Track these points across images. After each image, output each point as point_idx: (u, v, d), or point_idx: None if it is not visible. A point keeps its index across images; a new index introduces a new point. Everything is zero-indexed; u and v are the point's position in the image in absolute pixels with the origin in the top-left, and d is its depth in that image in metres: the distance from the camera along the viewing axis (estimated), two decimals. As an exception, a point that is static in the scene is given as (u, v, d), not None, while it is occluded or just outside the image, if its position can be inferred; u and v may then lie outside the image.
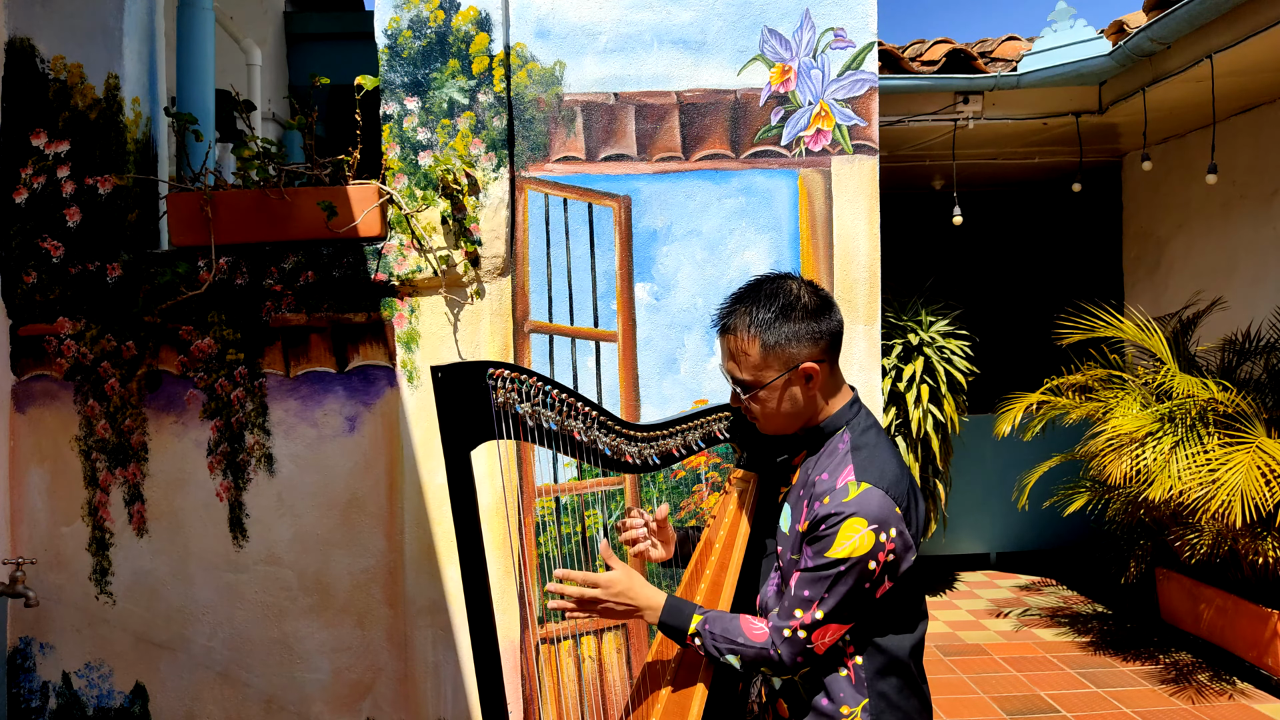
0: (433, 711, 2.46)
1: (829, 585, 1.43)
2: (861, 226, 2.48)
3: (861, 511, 1.42)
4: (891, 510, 1.44)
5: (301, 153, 2.67)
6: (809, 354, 1.52)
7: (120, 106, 2.46)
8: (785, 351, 1.51)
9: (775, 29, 2.46)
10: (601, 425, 1.65)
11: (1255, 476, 3.68)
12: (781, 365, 1.52)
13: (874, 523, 1.42)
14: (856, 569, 1.42)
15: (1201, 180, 4.99)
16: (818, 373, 1.52)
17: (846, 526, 1.42)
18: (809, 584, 1.45)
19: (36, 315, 2.45)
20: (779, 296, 1.53)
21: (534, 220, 2.47)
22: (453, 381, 1.57)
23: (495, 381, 1.58)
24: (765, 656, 1.49)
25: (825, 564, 1.43)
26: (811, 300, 1.53)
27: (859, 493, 1.44)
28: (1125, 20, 4.61)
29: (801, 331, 1.51)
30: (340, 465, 2.46)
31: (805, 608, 1.45)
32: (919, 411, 5.17)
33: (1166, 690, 4.10)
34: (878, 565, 1.43)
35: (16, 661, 2.47)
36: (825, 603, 1.44)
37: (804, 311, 1.52)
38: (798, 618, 1.46)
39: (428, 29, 2.44)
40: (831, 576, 1.43)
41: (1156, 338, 4.54)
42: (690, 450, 1.71)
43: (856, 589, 1.43)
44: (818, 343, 1.52)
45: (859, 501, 1.43)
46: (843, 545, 1.42)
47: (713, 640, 1.52)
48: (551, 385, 1.61)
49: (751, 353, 1.52)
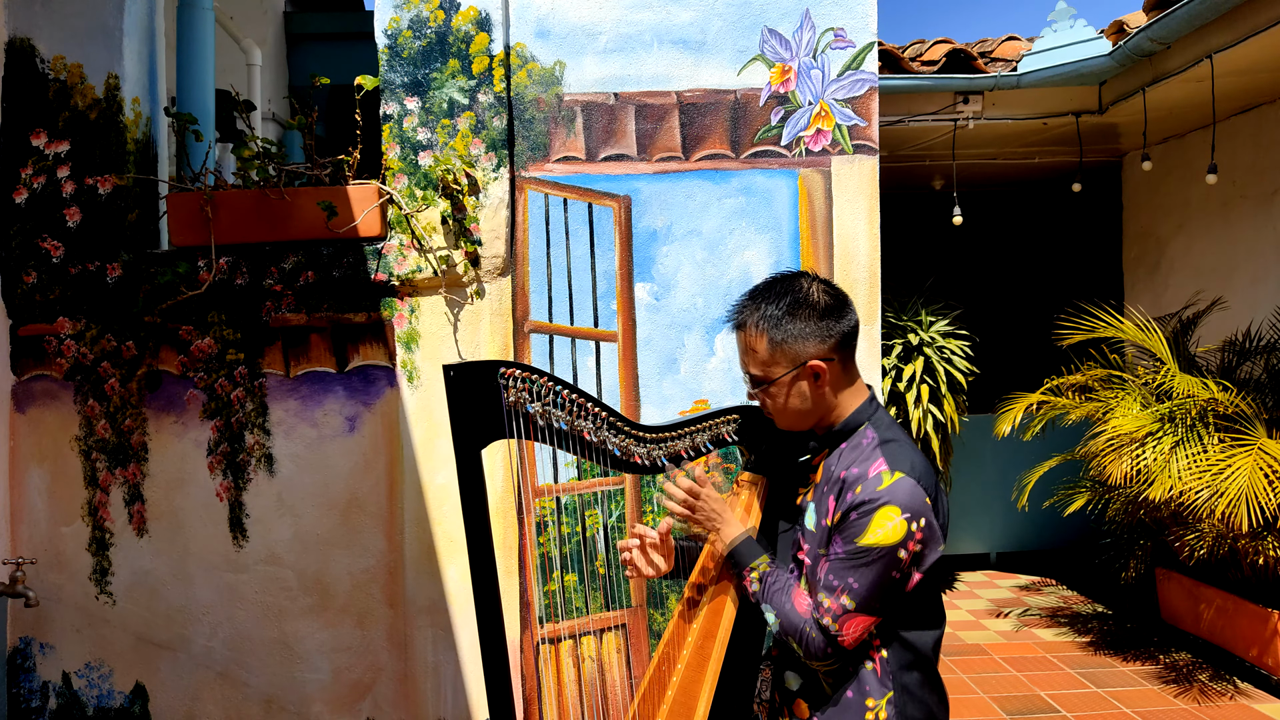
0: (433, 711, 2.46)
1: (859, 573, 1.44)
2: (861, 226, 2.48)
3: (895, 500, 1.43)
4: (922, 500, 1.45)
5: (301, 153, 2.67)
6: (816, 351, 1.53)
7: (120, 106, 2.46)
8: (792, 349, 1.53)
9: (775, 29, 2.46)
10: (611, 426, 1.65)
11: (1259, 478, 3.67)
12: (789, 362, 1.53)
13: (906, 511, 1.43)
14: (886, 557, 1.43)
15: (1201, 180, 4.99)
16: (825, 371, 1.53)
17: (880, 515, 1.43)
18: (840, 571, 1.46)
19: (36, 315, 2.45)
20: (789, 294, 1.54)
21: (534, 220, 2.47)
22: (464, 380, 1.58)
23: (507, 381, 1.59)
24: (802, 632, 1.49)
25: (856, 550, 1.44)
26: (823, 299, 1.55)
27: (892, 481, 1.45)
28: (1125, 20, 4.61)
29: (810, 329, 1.52)
30: (340, 465, 2.46)
31: (834, 595, 1.46)
32: (919, 411, 5.17)
33: (1167, 690, 4.10)
34: (907, 555, 1.44)
35: (16, 661, 2.47)
36: (856, 592, 1.44)
37: (813, 310, 1.53)
38: (826, 607, 1.47)
39: (428, 29, 2.44)
40: (863, 564, 1.44)
41: (1156, 338, 4.54)
42: (699, 452, 1.71)
43: (886, 578, 1.44)
44: (826, 341, 1.53)
45: (892, 490, 1.44)
46: (876, 533, 1.43)
47: (767, 591, 1.54)
48: (562, 385, 1.62)
49: (760, 349, 1.54)
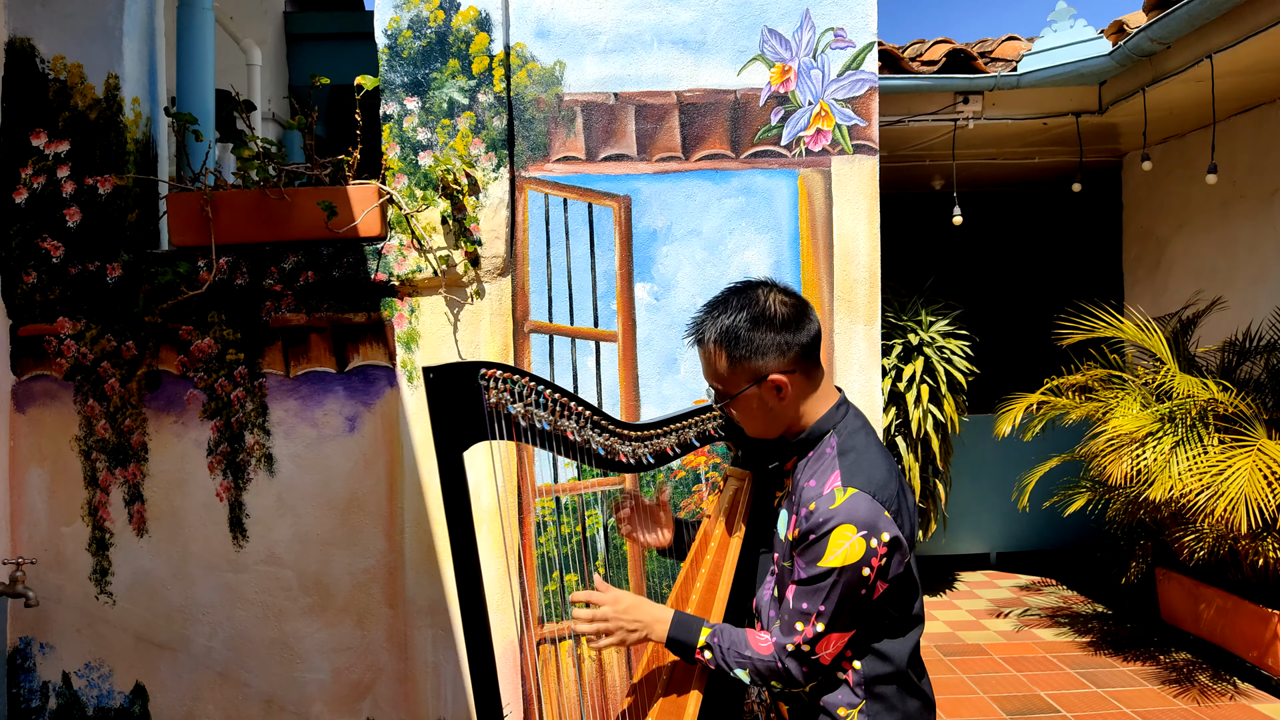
0: (433, 711, 2.46)
1: (824, 596, 1.42)
2: (861, 226, 2.48)
3: (851, 518, 1.41)
4: (880, 514, 1.42)
5: (301, 153, 2.67)
6: (776, 366, 1.50)
7: (120, 106, 2.46)
8: (751, 364, 1.50)
9: (775, 29, 2.46)
10: (595, 425, 1.65)
11: (1258, 479, 3.67)
12: (750, 377, 1.50)
13: (863, 529, 1.40)
14: (849, 575, 1.41)
15: (1201, 180, 4.99)
16: (787, 384, 1.50)
17: (836, 535, 1.40)
18: (805, 596, 1.44)
19: (36, 315, 2.45)
20: (746, 308, 1.50)
21: (534, 220, 2.47)
22: (445, 382, 1.58)
23: (487, 382, 1.59)
24: (774, 669, 1.49)
25: (818, 574, 1.42)
26: (781, 311, 1.50)
27: (845, 499, 1.42)
28: (1125, 20, 4.61)
29: (768, 343, 1.49)
30: (340, 465, 2.46)
31: (805, 621, 1.45)
32: (919, 411, 5.16)
33: (1167, 691, 4.10)
34: (871, 571, 1.41)
35: (16, 661, 2.47)
36: (824, 615, 1.43)
37: (770, 324, 1.49)
38: (799, 631, 1.45)
39: (428, 29, 2.44)
40: (826, 587, 1.42)
41: (1156, 338, 4.54)
42: (686, 448, 1.72)
43: (852, 596, 1.42)
44: (785, 354, 1.50)
45: (846, 508, 1.41)
46: (834, 554, 1.40)
47: (722, 655, 1.52)
48: (545, 385, 1.61)
49: (719, 365, 1.52)
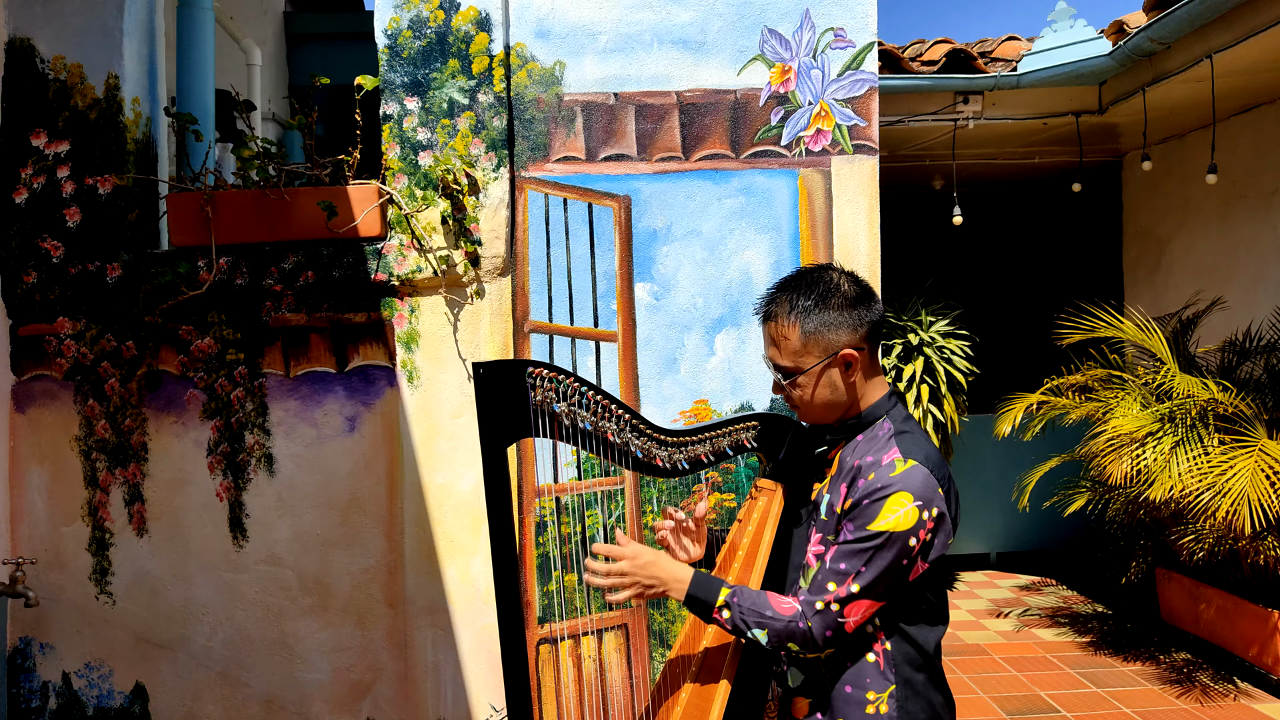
0: (433, 711, 2.46)
1: (868, 558, 1.44)
2: (861, 226, 2.48)
3: (907, 487, 1.44)
4: (935, 489, 1.46)
5: (301, 153, 2.67)
6: (848, 340, 1.54)
7: (120, 106, 2.46)
8: (825, 338, 1.54)
9: (775, 29, 2.46)
10: (634, 428, 1.65)
11: (1260, 480, 3.67)
12: (821, 351, 1.54)
13: (919, 499, 1.44)
14: (897, 544, 1.43)
15: (1201, 180, 4.99)
16: (857, 359, 1.55)
17: (892, 500, 1.43)
18: (847, 557, 1.46)
19: (36, 315, 2.45)
20: (819, 285, 1.56)
21: (534, 220, 2.47)
22: (493, 378, 1.59)
23: (534, 380, 1.59)
24: (794, 630, 1.49)
25: (866, 536, 1.44)
26: (851, 289, 1.57)
27: (905, 469, 1.46)
28: (1125, 20, 4.61)
29: (841, 319, 1.54)
30: (340, 465, 2.46)
31: (840, 581, 1.46)
32: (919, 411, 5.17)
33: (1167, 690, 4.10)
34: (917, 542, 1.44)
35: (16, 661, 2.47)
36: (862, 576, 1.44)
37: (843, 299, 1.55)
38: (831, 590, 1.46)
39: (428, 29, 2.44)
40: (872, 549, 1.44)
41: (1156, 338, 4.54)
42: (720, 457, 1.71)
43: (894, 565, 1.44)
44: (857, 330, 1.55)
45: (905, 477, 1.45)
46: (887, 518, 1.43)
47: (740, 614, 1.52)
48: (588, 387, 1.62)
49: (792, 338, 1.55)
